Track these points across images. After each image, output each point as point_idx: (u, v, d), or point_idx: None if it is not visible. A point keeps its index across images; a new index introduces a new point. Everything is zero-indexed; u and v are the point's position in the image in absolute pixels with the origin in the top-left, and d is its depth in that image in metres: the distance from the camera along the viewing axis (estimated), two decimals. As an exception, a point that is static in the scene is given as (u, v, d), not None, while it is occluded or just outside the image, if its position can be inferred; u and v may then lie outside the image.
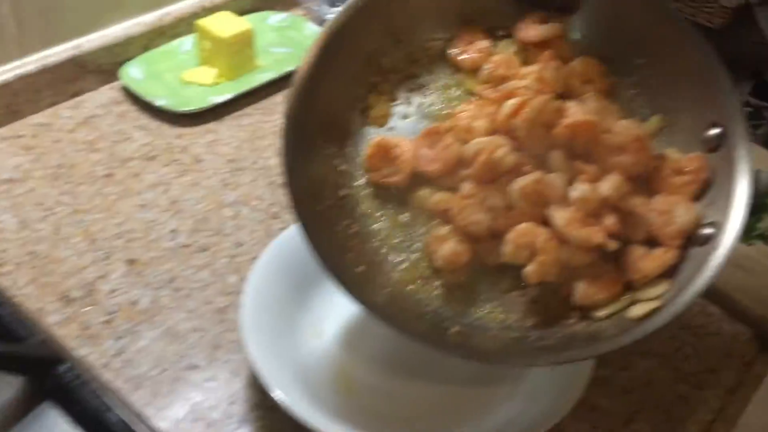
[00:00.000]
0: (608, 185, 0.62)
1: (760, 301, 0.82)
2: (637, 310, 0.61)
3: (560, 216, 0.62)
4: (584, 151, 0.64)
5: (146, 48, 1.08)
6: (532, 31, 0.70)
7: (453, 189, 0.66)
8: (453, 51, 0.73)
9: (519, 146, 0.64)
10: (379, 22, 0.70)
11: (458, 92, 0.73)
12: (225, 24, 1.05)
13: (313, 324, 0.75)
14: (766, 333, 0.81)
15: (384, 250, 0.67)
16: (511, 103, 0.63)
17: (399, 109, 0.72)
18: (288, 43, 1.16)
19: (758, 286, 0.84)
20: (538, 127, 0.63)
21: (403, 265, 0.67)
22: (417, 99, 0.73)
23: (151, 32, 1.07)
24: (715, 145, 0.65)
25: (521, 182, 0.62)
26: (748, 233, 0.89)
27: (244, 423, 0.68)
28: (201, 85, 1.05)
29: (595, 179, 0.63)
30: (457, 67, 0.73)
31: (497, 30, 0.73)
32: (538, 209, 0.62)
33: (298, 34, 1.18)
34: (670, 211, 0.64)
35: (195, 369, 0.72)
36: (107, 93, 1.04)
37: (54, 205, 0.87)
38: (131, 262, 0.81)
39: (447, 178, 0.66)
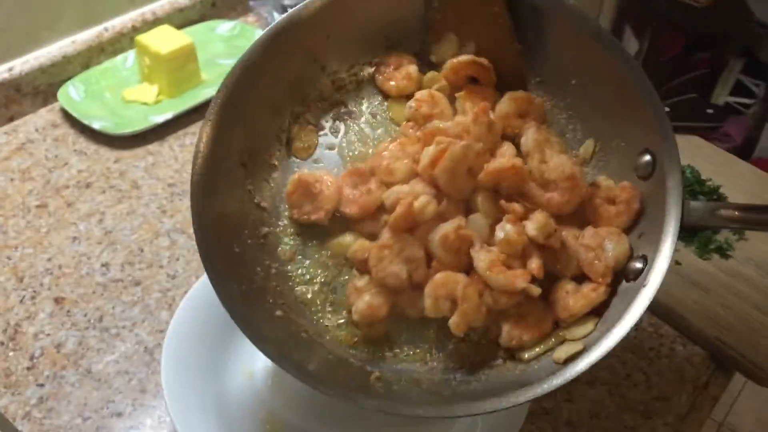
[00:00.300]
0: (534, 225, 0.59)
1: (715, 321, 0.79)
2: (560, 353, 0.58)
3: (482, 259, 0.58)
4: (513, 190, 0.61)
5: (86, 66, 1.04)
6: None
7: (373, 235, 0.62)
8: (379, 78, 0.69)
9: (440, 193, 0.60)
10: (300, 48, 0.67)
11: (386, 119, 0.69)
12: (165, 39, 1.01)
13: (244, 363, 0.72)
14: (720, 354, 0.78)
15: (309, 295, 0.64)
16: (430, 152, 0.60)
17: (324, 139, 0.69)
18: (236, 53, 1.09)
19: (713, 305, 0.80)
20: (459, 174, 0.60)
21: (326, 317, 0.64)
22: (343, 127, 0.69)
23: (90, 50, 1.04)
24: (647, 173, 0.61)
25: (441, 231, 0.59)
26: (705, 246, 0.86)
27: (167, 474, 0.66)
28: (143, 103, 1.02)
29: (522, 218, 0.60)
30: (384, 94, 0.70)
31: (426, 54, 0.69)
32: (459, 257, 0.59)
33: (247, 43, 1.13)
34: (600, 245, 0.60)
35: (119, 416, 0.70)
36: (45, 116, 1.00)
37: (-18, 241, 0.84)
38: (59, 300, 0.78)
39: (368, 223, 0.63)
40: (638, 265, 0.59)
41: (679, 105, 1.43)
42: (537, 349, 0.60)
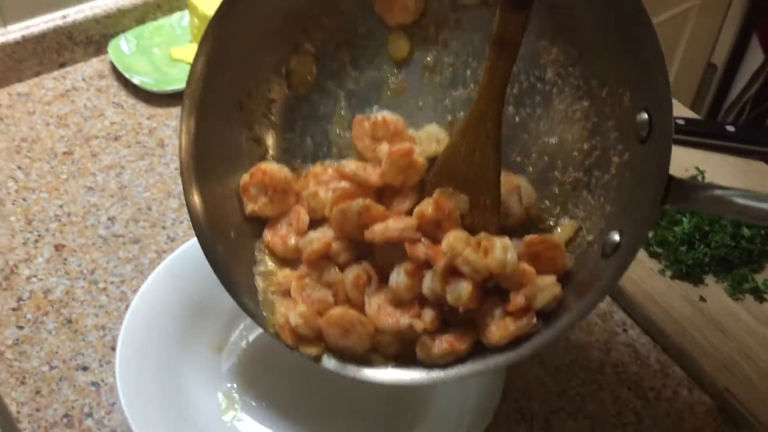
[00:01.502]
0: (429, 282, 0.56)
1: (729, 370, 0.71)
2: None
3: (372, 304, 0.57)
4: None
5: (142, 21, 1.06)
6: None
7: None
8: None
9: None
10: None
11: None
12: (215, 0, 1.00)
13: (212, 336, 0.71)
14: (728, 407, 0.70)
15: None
16: (329, 198, 0.60)
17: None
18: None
19: (732, 352, 0.72)
20: (350, 226, 0.59)
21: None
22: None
23: (146, 5, 1.05)
24: (644, 135, 0.54)
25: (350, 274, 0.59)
26: (739, 284, 0.77)
27: (115, 435, 0.66)
28: (188, 63, 1.02)
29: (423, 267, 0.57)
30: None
31: None
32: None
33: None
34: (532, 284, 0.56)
35: (84, 370, 0.70)
36: (95, 65, 1.02)
37: (5, 180, 0.86)
38: (59, 247, 0.80)
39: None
40: (615, 238, 0.54)
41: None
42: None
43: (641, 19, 0.51)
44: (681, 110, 0.99)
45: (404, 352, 0.57)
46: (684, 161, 0.89)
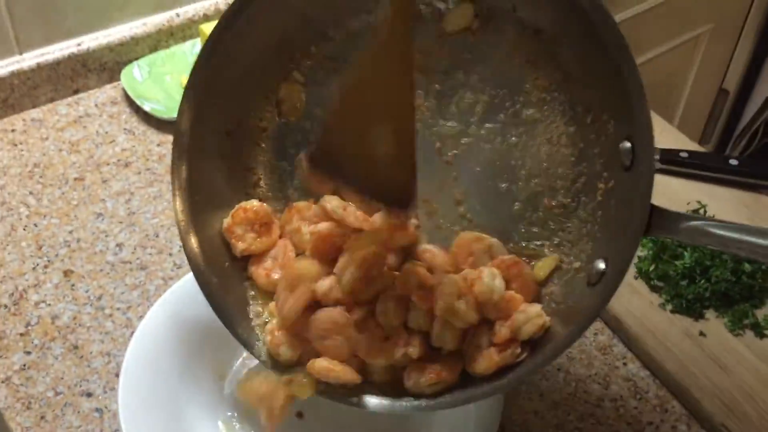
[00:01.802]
0: (414, 318, 0.57)
1: (728, 407, 0.71)
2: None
3: (362, 345, 0.58)
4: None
5: (154, 48, 1.08)
6: None
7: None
8: None
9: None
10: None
11: None
12: (227, 30, 1.02)
13: (217, 364, 0.72)
14: (727, 445, 0.70)
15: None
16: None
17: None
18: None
19: (731, 388, 0.72)
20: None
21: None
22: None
23: (159, 32, 1.07)
24: (628, 163, 0.54)
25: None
26: (739, 320, 0.78)
27: (117, 461, 0.67)
28: (199, 90, 1.04)
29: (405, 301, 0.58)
30: None
31: None
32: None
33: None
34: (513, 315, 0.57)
35: (89, 396, 0.71)
36: (108, 92, 1.04)
37: (17, 206, 0.88)
38: (68, 273, 0.81)
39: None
40: (601, 266, 0.55)
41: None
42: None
43: (621, 48, 0.52)
44: (683, 140, 1.00)
45: (393, 380, 0.58)
46: (686, 195, 0.90)
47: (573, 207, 0.60)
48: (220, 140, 0.65)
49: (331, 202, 0.60)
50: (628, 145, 0.54)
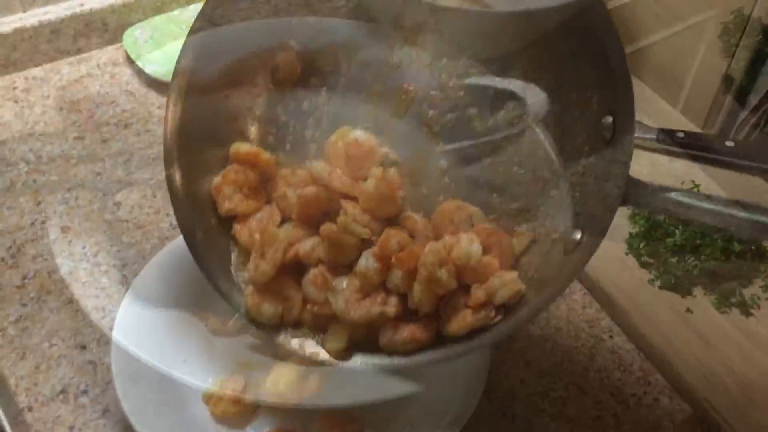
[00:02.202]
0: (395, 277, 0.57)
1: (710, 381, 0.72)
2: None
3: (338, 301, 0.58)
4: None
5: (158, 11, 1.08)
6: None
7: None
8: None
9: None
10: None
11: None
12: (230, -5, 1.03)
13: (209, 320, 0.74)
14: (707, 417, 0.71)
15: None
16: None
17: None
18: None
19: (714, 363, 0.73)
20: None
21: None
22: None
23: (162, -5, 1.07)
24: (608, 137, 0.56)
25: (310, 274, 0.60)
26: (726, 298, 0.79)
27: (108, 411, 0.68)
28: (201, 55, 1.04)
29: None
30: None
31: None
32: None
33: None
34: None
35: (82, 349, 0.73)
36: (110, 53, 1.05)
37: (17, 161, 0.89)
38: (65, 229, 0.82)
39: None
40: (577, 236, 0.56)
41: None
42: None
43: (605, 23, 0.54)
44: (684, 124, 1.00)
45: (368, 341, 0.59)
46: (682, 174, 0.90)
47: (554, 181, 0.61)
48: (217, 97, 0.65)
49: (317, 166, 0.61)
50: (610, 119, 0.55)
